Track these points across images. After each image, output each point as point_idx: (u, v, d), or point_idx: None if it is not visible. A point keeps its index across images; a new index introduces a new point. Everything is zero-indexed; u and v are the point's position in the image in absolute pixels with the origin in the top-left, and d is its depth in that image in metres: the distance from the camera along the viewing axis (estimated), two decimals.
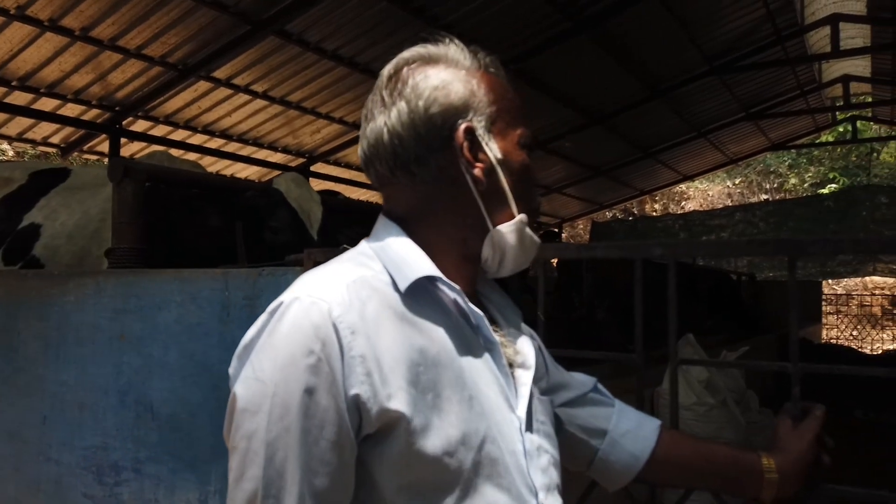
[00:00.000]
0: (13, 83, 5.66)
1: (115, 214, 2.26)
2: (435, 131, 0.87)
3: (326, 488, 0.76)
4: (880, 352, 11.66)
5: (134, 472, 1.82)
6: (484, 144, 0.89)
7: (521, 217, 0.90)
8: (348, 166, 8.92)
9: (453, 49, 0.93)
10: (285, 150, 8.17)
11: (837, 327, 13.41)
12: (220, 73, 6.18)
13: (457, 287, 0.86)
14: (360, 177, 9.13)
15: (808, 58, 9.32)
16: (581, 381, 1.13)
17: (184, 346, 1.77)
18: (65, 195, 2.88)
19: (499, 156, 0.90)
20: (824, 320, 12.58)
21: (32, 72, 5.60)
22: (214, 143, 7.46)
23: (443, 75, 0.90)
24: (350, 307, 0.79)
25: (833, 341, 12.32)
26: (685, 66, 8.46)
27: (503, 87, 0.94)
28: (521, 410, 0.87)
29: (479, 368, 0.85)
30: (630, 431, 1.06)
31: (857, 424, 5.46)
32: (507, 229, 0.89)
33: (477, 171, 0.88)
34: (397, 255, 0.87)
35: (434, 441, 0.77)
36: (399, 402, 0.76)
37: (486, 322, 0.88)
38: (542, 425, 0.92)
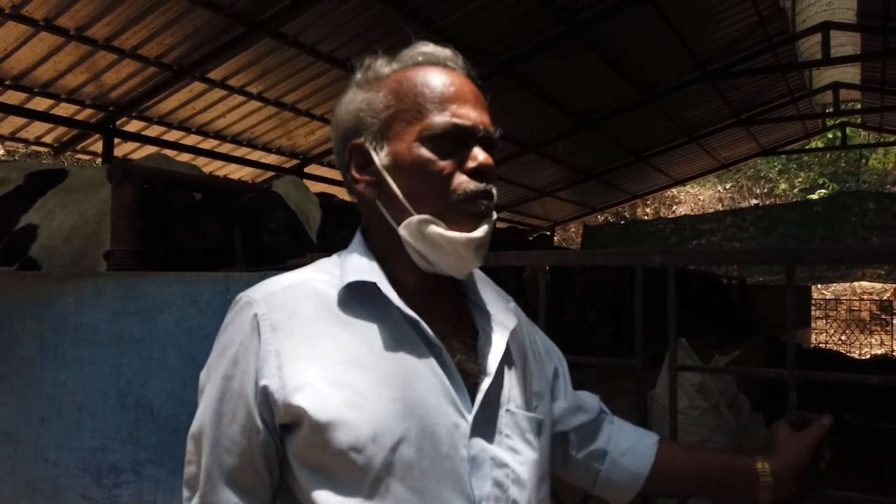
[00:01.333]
0: (7, 82, 5.64)
1: (113, 216, 2.26)
2: (340, 155, 0.97)
3: (236, 467, 0.86)
4: (868, 356, 11.78)
5: (133, 473, 1.83)
6: (374, 155, 0.92)
7: (412, 219, 0.88)
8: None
9: (379, 62, 0.96)
10: (279, 152, 8.17)
11: (826, 332, 13.54)
12: (214, 75, 6.18)
13: (391, 291, 0.88)
14: None
15: (798, 65, 9.43)
16: (590, 403, 1.11)
17: (184, 349, 1.78)
18: (62, 196, 2.88)
19: (385, 162, 0.91)
20: (813, 325, 12.70)
21: (26, 71, 5.58)
22: (208, 144, 7.46)
23: (345, 100, 0.97)
24: (279, 307, 0.88)
25: (822, 346, 12.43)
26: (678, 71, 8.53)
27: (415, 83, 0.91)
28: (471, 416, 0.86)
29: (416, 371, 0.86)
30: (629, 450, 1.06)
31: (847, 428, 5.52)
32: (404, 232, 0.89)
33: (360, 187, 0.93)
34: (348, 262, 0.93)
35: (340, 436, 0.81)
36: (304, 396, 0.82)
37: (425, 327, 0.87)
38: (506, 438, 0.89)
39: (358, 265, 0.91)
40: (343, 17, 5.64)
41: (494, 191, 0.91)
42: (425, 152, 0.88)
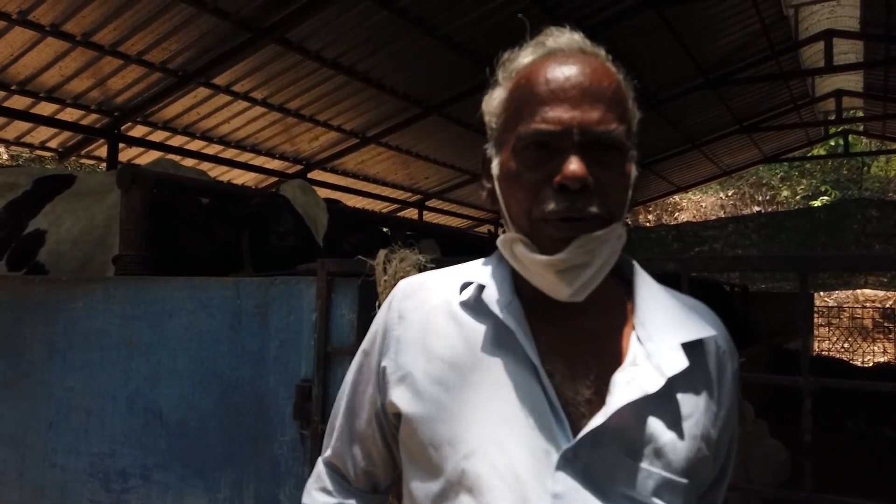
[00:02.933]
0: (12, 87, 5.65)
1: (122, 221, 2.27)
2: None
3: (361, 431, 0.95)
4: (871, 364, 11.75)
5: (142, 478, 1.83)
6: (492, 163, 0.88)
7: (505, 236, 0.85)
8: (345, 173, 8.93)
9: (508, 54, 0.91)
10: (283, 157, 8.18)
11: (829, 339, 13.50)
12: (219, 80, 6.19)
13: (494, 297, 0.84)
14: (358, 184, 9.15)
15: (801, 72, 9.44)
16: None
17: (194, 354, 1.79)
18: (70, 201, 2.89)
19: (496, 171, 0.86)
20: (816, 332, 12.67)
21: (32, 76, 5.60)
22: (212, 150, 7.47)
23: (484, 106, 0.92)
24: (411, 297, 0.92)
25: (824, 353, 12.40)
26: (680, 78, 8.55)
27: (522, 82, 0.85)
28: (562, 448, 0.77)
29: (512, 385, 0.80)
30: None
31: (849, 436, 5.51)
32: (500, 247, 0.87)
33: (483, 195, 0.91)
34: (485, 263, 0.92)
35: (423, 430, 0.82)
36: (404, 386, 0.86)
37: (522, 340, 0.81)
38: (613, 490, 0.77)
39: (486, 268, 0.90)
40: (348, 23, 5.66)
41: (594, 209, 0.78)
42: (515, 164, 0.82)
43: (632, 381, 0.79)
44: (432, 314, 0.88)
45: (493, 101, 0.89)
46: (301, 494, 1.53)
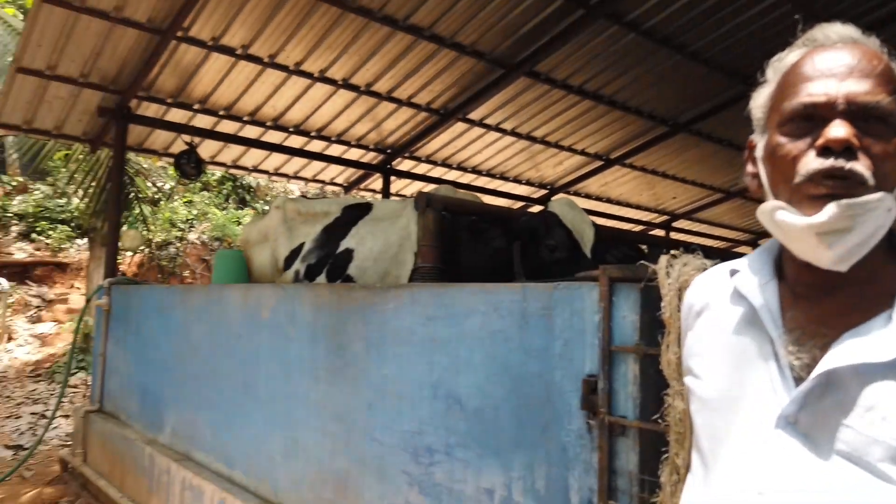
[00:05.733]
0: (311, 134, 6.81)
1: (419, 239, 2.69)
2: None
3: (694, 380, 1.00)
4: None
5: (445, 454, 2.15)
6: (757, 148, 0.93)
7: (765, 205, 0.85)
8: (588, 196, 9.06)
9: (778, 55, 0.93)
10: (528, 183, 8.60)
11: None
12: (474, 115, 6.78)
13: (743, 278, 0.93)
14: (601, 206, 9.22)
15: None
16: None
17: (487, 349, 2.06)
18: (370, 225, 3.46)
19: (760, 153, 0.92)
20: None
21: (326, 124, 6.70)
22: (466, 178, 8.14)
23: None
24: (702, 284, 1.05)
25: None
26: None
27: (788, 70, 0.88)
28: (787, 410, 0.82)
29: (751, 357, 0.89)
30: None
31: None
32: (761, 219, 0.88)
33: (747, 179, 0.96)
34: (754, 253, 1.00)
35: (697, 389, 0.96)
36: (689, 352, 1.02)
37: (764, 316, 0.88)
38: (830, 445, 0.78)
39: (753, 254, 0.98)
40: (594, 50, 5.84)
41: (859, 167, 0.77)
42: (778, 137, 0.85)
43: (858, 347, 0.79)
44: (715, 294, 0.99)
45: (761, 96, 0.93)
46: (589, 479, 1.70)
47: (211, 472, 3.47)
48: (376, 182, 7.89)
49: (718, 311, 0.98)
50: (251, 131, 6.60)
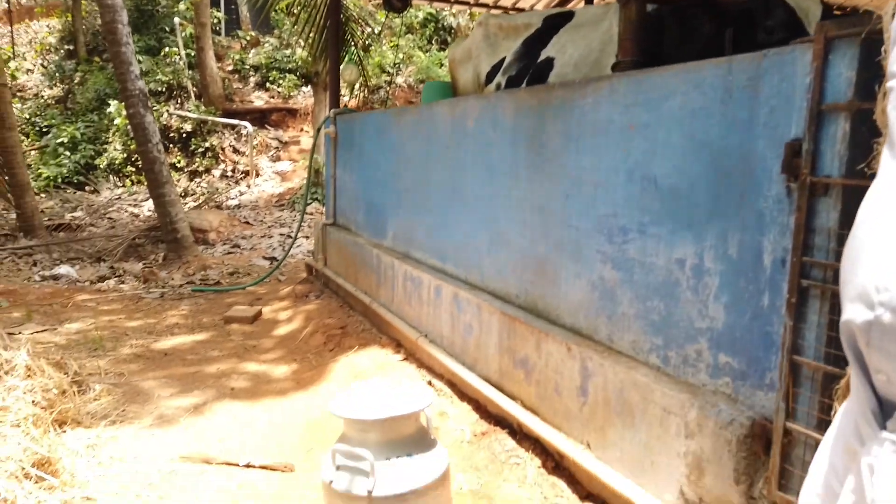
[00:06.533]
0: None
1: (620, 33, 2.64)
2: None
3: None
4: None
5: (638, 233, 2.27)
6: None
7: None
8: None
9: None
10: None
11: None
12: None
13: None
14: None
15: None
16: None
17: (686, 129, 2.07)
18: (571, 32, 3.42)
19: None
20: None
21: None
22: None
23: None
24: None
25: None
26: None
27: None
28: None
29: None
30: None
31: None
32: None
33: None
34: None
35: None
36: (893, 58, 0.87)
37: None
38: None
39: None
40: None
41: None
42: None
43: None
44: None
45: None
46: (784, 240, 1.72)
47: (427, 266, 3.96)
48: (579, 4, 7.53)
49: None
50: None
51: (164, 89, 13.31)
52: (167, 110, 12.75)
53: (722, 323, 1.94)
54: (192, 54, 13.76)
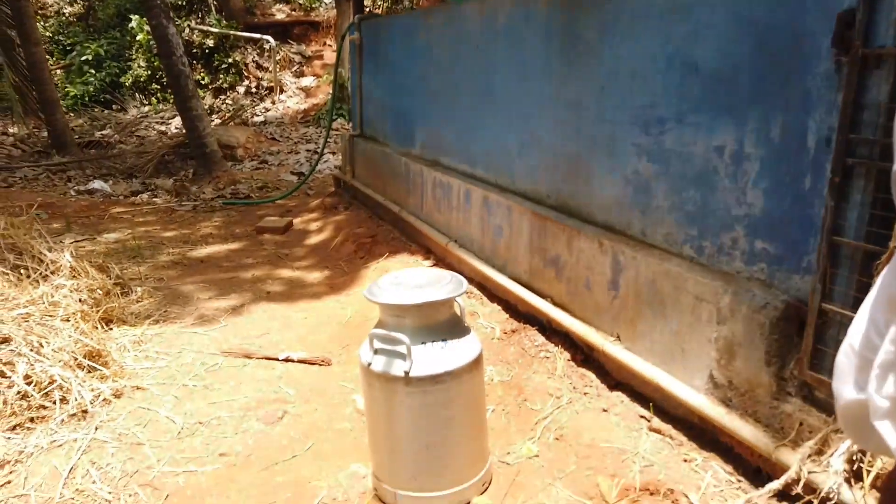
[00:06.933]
0: None
1: None
2: None
3: None
4: None
5: (676, 122, 2.21)
6: None
7: None
8: None
9: None
10: None
11: None
12: None
13: None
14: None
15: None
16: None
17: (730, 6, 1.97)
18: None
19: None
20: None
21: None
22: None
23: None
24: None
25: None
26: None
27: None
28: None
29: None
30: None
31: None
32: None
33: None
34: None
35: None
36: None
37: None
38: None
39: None
40: None
41: None
42: None
43: None
44: None
45: None
46: (830, 118, 1.67)
47: (457, 172, 3.94)
48: None
49: None
50: None
51: (184, 3, 13.04)
52: (188, 25, 12.54)
53: (760, 209, 1.92)
54: None
